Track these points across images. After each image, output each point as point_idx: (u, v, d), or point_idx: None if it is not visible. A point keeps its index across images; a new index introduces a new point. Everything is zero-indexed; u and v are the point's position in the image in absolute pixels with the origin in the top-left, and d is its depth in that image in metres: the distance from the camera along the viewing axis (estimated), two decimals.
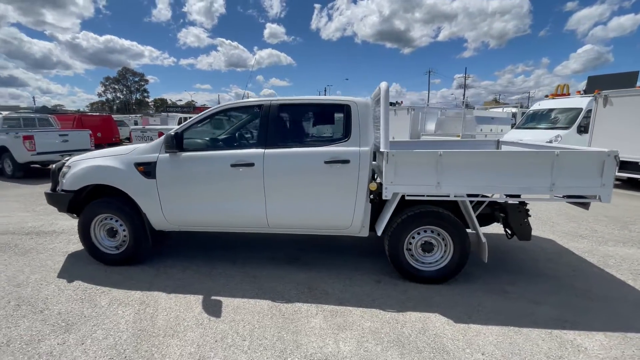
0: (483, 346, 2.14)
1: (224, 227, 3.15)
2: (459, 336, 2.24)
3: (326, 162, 2.85)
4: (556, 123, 9.98)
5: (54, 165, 3.37)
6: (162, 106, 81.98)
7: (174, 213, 3.10)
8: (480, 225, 3.30)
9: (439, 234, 2.91)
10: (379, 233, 2.91)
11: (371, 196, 2.93)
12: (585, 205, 2.89)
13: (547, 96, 11.47)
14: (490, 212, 3.18)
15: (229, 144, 3.34)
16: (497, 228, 3.58)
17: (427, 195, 2.79)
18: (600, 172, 2.56)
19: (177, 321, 2.39)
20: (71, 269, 3.21)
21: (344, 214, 2.92)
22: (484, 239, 2.81)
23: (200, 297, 2.73)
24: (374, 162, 3.03)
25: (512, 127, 11.82)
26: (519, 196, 2.95)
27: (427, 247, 2.95)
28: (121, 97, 72.27)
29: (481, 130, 12.49)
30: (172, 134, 2.91)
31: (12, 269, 3.18)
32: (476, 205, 3.00)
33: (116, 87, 72.00)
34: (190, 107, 73.40)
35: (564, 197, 2.87)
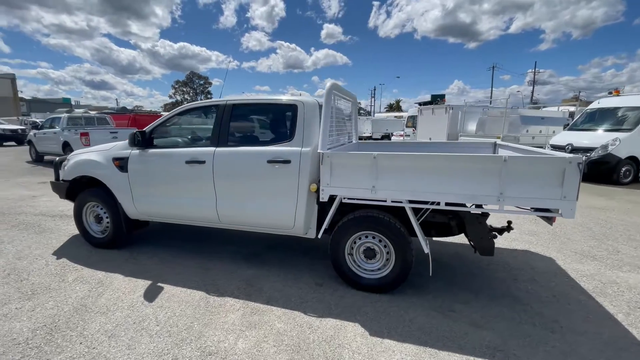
0: None
1: (183, 220, 3.37)
2: (363, 350, 2.11)
3: (269, 162, 2.89)
4: (619, 124, 8.53)
5: (57, 159, 3.93)
6: None
7: (142, 205, 3.41)
8: (440, 236, 3.05)
9: (380, 241, 2.75)
10: (319, 236, 2.86)
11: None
12: (549, 220, 2.47)
13: (610, 93, 9.83)
14: (447, 221, 2.90)
15: (188, 142, 3.54)
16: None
17: (365, 200, 2.67)
18: (560, 182, 2.19)
19: (115, 301, 2.65)
20: (65, 249, 3.72)
21: (286, 214, 2.92)
22: (426, 250, 2.58)
23: (149, 282, 2.97)
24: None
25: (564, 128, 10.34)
26: (481, 206, 2.65)
27: (369, 254, 2.81)
28: (188, 98, 79.76)
29: (527, 131, 11.15)
30: (135, 132, 3.20)
31: (23, 245, 3.80)
32: (425, 213, 2.76)
33: (184, 89, 79.72)
34: None
35: (531, 209, 2.51)
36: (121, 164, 3.41)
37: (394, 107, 62.01)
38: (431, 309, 2.59)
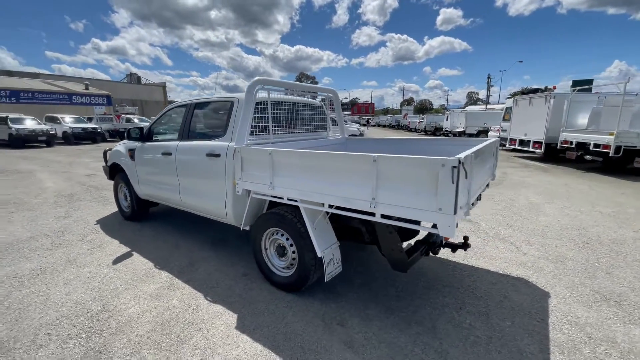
0: (224, 353, 2.05)
1: (166, 202, 3.98)
2: (213, 338, 2.20)
3: (207, 155, 3.16)
4: None
5: (107, 148, 5.14)
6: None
7: (143, 188, 4.19)
8: (359, 243, 2.77)
9: (288, 239, 2.69)
10: (242, 228, 2.99)
11: None
12: (453, 247, 1.96)
13: None
14: (359, 227, 2.59)
15: (168, 136, 4.05)
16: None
17: (266, 195, 2.67)
18: (434, 189, 1.75)
19: (93, 260, 3.41)
20: (107, 218, 4.87)
21: (219, 205, 3.14)
22: (319, 254, 2.41)
23: (128, 250, 3.67)
24: None
25: None
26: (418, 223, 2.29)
27: (280, 251, 2.79)
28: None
29: None
30: (133, 128, 3.95)
31: (86, 213, 5.15)
32: (327, 216, 2.56)
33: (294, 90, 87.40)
34: (349, 105, 79.71)
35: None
36: (131, 154, 4.26)
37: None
38: (320, 317, 2.42)
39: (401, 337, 2.21)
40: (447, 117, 22.75)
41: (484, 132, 19.46)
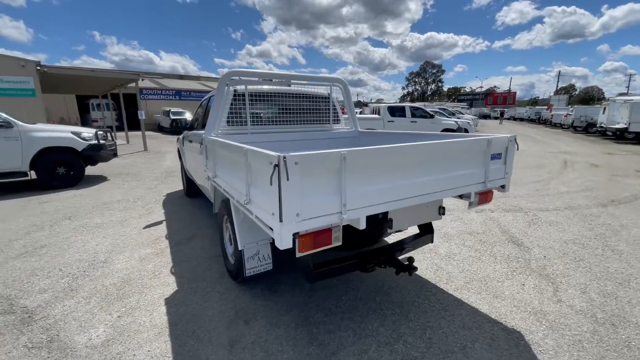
0: (138, 317, 2.34)
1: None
2: (142, 301, 2.50)
3: (199, 143, 3.50)
4: None
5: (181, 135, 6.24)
6: (455, 94, 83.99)
7: (187, 169, 4.98)
8: None
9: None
10: (214, 211, 3.21)
11: None
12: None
13: None
14: None
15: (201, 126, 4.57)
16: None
17: (218, 185, 2.78)
18: (268, 189, 1.51)
19: (137, 224, 4.30)
20: (175, 193, 5.97)
21: (208, 188, 3.45)
22: (240, 247, 2.37)
23: (163, 222, 4.45)
24: None
25: None
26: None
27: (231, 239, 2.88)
28: (419, 88, 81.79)
29: None
30: (176, 119, 4.70)
31: (167, 187, 6.44)
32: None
33: (416, 80, 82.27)
34: (481, 95, 69.78)
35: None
36: (183, 141, 5.09)
37: None
38: (234, 310, 2.40)
39: (289, 351, 1.99)
40: (604, 109, 17.00)
41: None
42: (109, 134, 7.20)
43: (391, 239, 3.29)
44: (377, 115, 11.89)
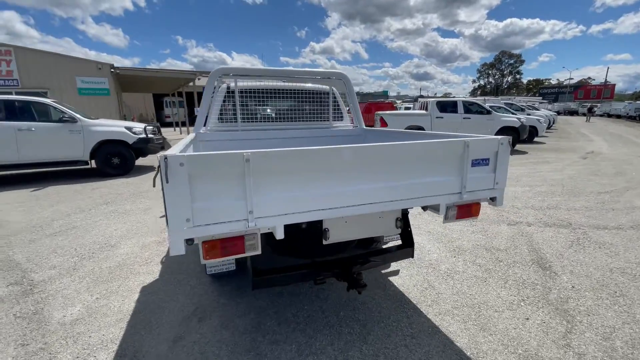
0: (115, 301, 2.51)
1: None
2: (123, 286, 2.67)
3: None
4: None
5: None
6: (536, 87, 74.35)
7: None
8: None
9: None
10: None
11: None
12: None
13: None
14: None
15: None
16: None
17: None
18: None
19: (157, 212, 4.65)
20: None
21: None
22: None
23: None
24: None
25: None
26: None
27: None
28: (492, 81, 74.25)
29: None
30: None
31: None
32: None
33: (490, 72, 74.79)
34: (569, 88, 60.62)
35: None
36: None
37: None
38: (194, 306, 2.42)
39: (224, 357, 1.92)
40: None
41: None
42: (157, 130, 7.95)
43: (389, 245, 3.00)
44: (423, 111, 11.03)
